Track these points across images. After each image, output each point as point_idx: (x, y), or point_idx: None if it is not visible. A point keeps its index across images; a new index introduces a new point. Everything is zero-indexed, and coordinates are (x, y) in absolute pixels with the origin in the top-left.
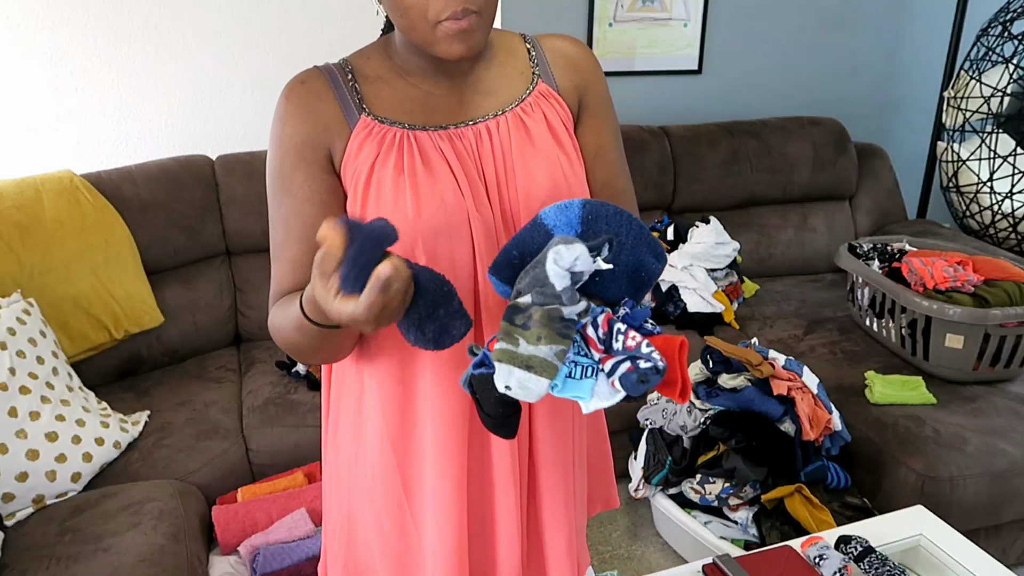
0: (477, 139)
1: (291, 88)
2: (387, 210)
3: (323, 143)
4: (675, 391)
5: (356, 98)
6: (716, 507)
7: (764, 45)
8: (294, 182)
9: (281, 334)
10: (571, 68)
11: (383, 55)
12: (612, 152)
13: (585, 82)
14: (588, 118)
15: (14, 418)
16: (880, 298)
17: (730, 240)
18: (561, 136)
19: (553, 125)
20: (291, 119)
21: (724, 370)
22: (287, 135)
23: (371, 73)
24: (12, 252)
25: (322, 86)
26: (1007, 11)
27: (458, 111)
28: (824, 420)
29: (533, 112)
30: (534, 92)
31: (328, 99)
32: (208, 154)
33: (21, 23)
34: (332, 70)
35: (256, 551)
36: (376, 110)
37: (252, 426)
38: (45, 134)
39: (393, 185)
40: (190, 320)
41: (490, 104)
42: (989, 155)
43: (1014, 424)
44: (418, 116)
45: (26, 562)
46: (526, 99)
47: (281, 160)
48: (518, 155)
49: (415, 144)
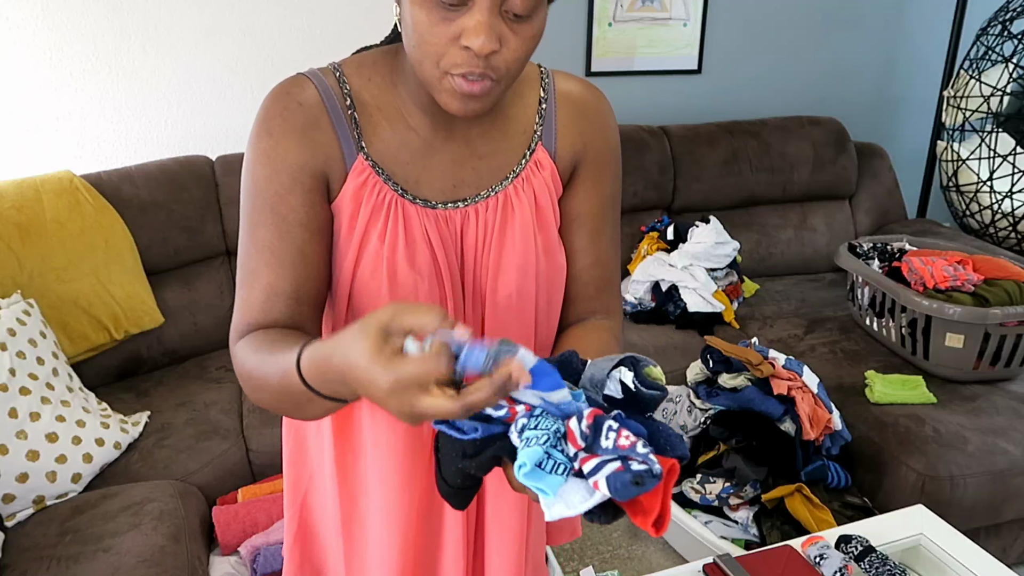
0: (463, 221)
1: (284, 105)
2: (361, 283)
3: (321, 172)
4: (649, 520)
5: (355, 132)
6: (716, 507)
7: (764, 45)
8: (286, 205)
9: (253, 381)
10: (577, 127)
11: (387, 76)
12: (594, 221)
13: (587, 144)
14: (578, 181)
15: (14, 419)
16: (880, 297)
17: (730, 240)
18: (545, 213)
19: (540, 202)
20: (285, 139)
21: (724, 370)
22: (280, 155)
23: (371, 100)
24: (12, 252)
25: (320, 113)
26: (1007, 10)
27: (450, 179)
28: (824, 420)
29: (523, 191)
30: (530, 162)
31: (326, 129)
32: (208, 154)
33: (20, 23)
34: (329, 92)
35: (256, 551)
36: (373, 151)
37: (252, 426)
38: (45, 134)
39: (374, 258)
40: (190, 320)
41: (484, 171)
42: (989, 154)
43: (1014, 423)
44: (411, 174)
45: (26, 563)
46: (520, 173)
47: (268, 180)
48: (496, 244)
49: (402, 216)
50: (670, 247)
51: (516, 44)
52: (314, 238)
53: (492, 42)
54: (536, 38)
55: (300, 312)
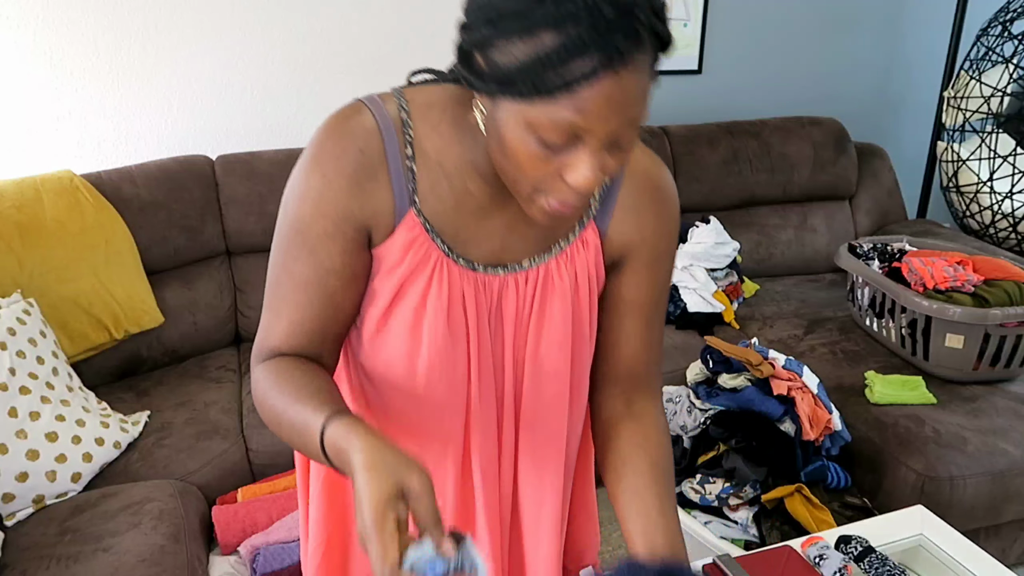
0: (501, 288)
1: (343, 148)
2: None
3: (366, 224)
4: None
5: (410, 186)
6: (716, 507)
7: (764, 45)
8: (323, 249)
9: (271, 415)
10: (638, 218)
11: (453, 129)
12: (646, 308)
13: (644, 238)
14: (632, 269)
15: (14, 418)
16: (880, 298)
17: (730, 240)
18: (583, 292)
19: (579, 281)
20: (335, 183)
21: (724, 370)
22: (328, 200)
23: (433, 152)
24: (12, 252)
25: (378, 163)
26: (1007, 11)
27: (497, 243)
28: (824, 420)
29: (566, 267)
30: (578, 239)
31: (382, 181)
32: (208, 154)
33: (21, 23)
34: (392, 138)
35: (256, 551)
36: (425, 207)
37: (252, 426)
38: (45, 134)
39: (410, 314)
40: (190, 320)
41: (531, 240)
42: (989, 155)
43: (1014, 424)
44: (460, 234)
45: (26, 562)
46: (565, 249)
47: (313, 219)
48: (536, 317)
49: (446, 277)
50: None
51: (614, 166)
52: (346, 286)
53: (597, 179)
54: (629, 154)
55: (322, 347)
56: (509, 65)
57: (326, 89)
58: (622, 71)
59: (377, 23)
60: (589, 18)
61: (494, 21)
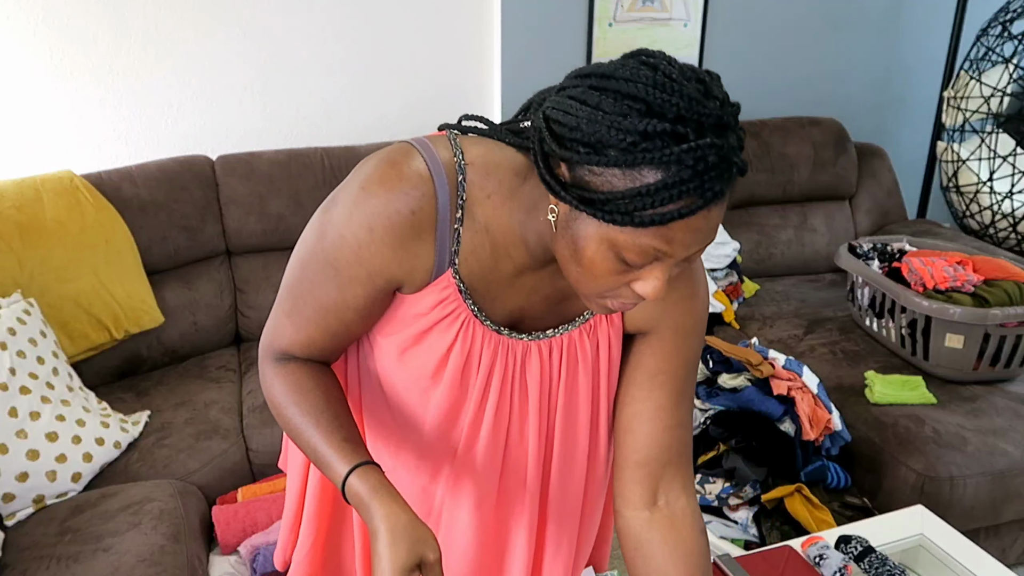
0: (525, 354)
1: (396, 208)
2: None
3: (399, 279)
4: None
5: (453, 247)
6: (716, 507)
7: (764, 45)
8: (351, 290)
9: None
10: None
11: (507, 200)
12: (676, 381)
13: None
14: (658, 343)
15: (14, 418)
16: (880, 298)
17: (730, 240)
18: (604, 364)
19: (600, 352)
20: (381, 243)
21: (724, 370)
22: (369, 255)
23: (482, 218)
24: (12, 252)
25: (427, 226)
26: (1007, 11)
27: (520, 304)
28: (824, 420)
29: (589, 337)
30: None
31: (426, 241)
32: (208, 154)
33: (21, 23)
34: (445, 199)
35: (256, 551)
36: (463, 268)
37: (252, 426)
38: (45, 134)
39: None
40: (190, 320)
41: (556, 308)
42: (989, 155)
43: (1014, 424)
44: (490, 295)
45: (26, 562)
46: (590, 319)
47: (348, 264)
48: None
49: (470, 335)
50: None
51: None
52: (363, 320)
53: (665, 290)
54: None
55: (330, 356)
56: (603, 191)
57: (326, 89)
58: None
59: (377, 23)
60: (694, 163)
61: (596, 148)
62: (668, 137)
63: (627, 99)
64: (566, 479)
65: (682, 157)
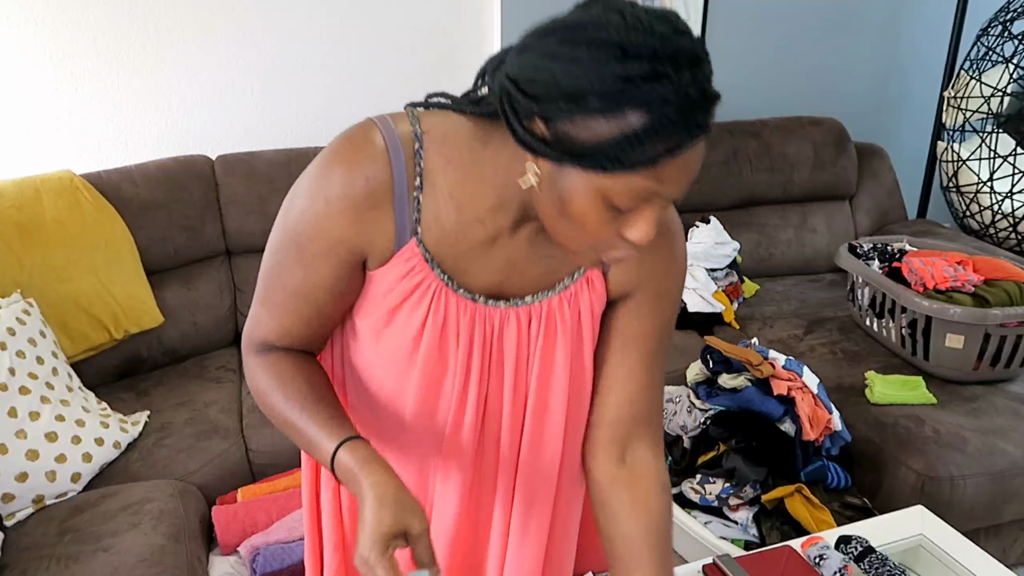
0: (502, 321)
1: (351, 178)
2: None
3: (362, 249)
4: None
5: (414, 216)
6: (716, 507)
7: (764, 45)
8: (314, 266)
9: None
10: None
11: (470, 163)
12: (649, 343)
13: (646, 274)
14: (635, 303)
15: (14, 418)
16: (880, 298)
17: (730, 240)
18: (586, 331)
19: (582, 319)
20: (339, 214)
21: (724, 370)
22: (328, 226)
23: (444, 185)
24: (12, 252)
25: (384, 194)
26: (1007, 11)
27: (498, 275)
28: (824, 420)
29: (569, 305)
30: (583, 277)
31: (385, 211)
32: (208, 154)
33: (21, 23)
34: (402, 169)
35: (256, 551)
36: (427, 238)
37: (252, 426)
38: (45, 134)
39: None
40: (190, 320)
41: (532, 275)
42: (989, 155)
43: (1014, 424)
44: (461, 263)
45: (26, 562)
46: (570, 287)
47: (310, 240)
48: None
49: (442, 306)
50: None
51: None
52: (335, 301)
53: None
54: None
55: (311, 344)
56: (589, 140)
57: (326, 89)
58: (699, 140)
59: (377, 23)
60: (677, 100)
61: (575, 98)
62: (648, 77)
63: (601, 46)
64: (538, 450)
65: (665, 96)
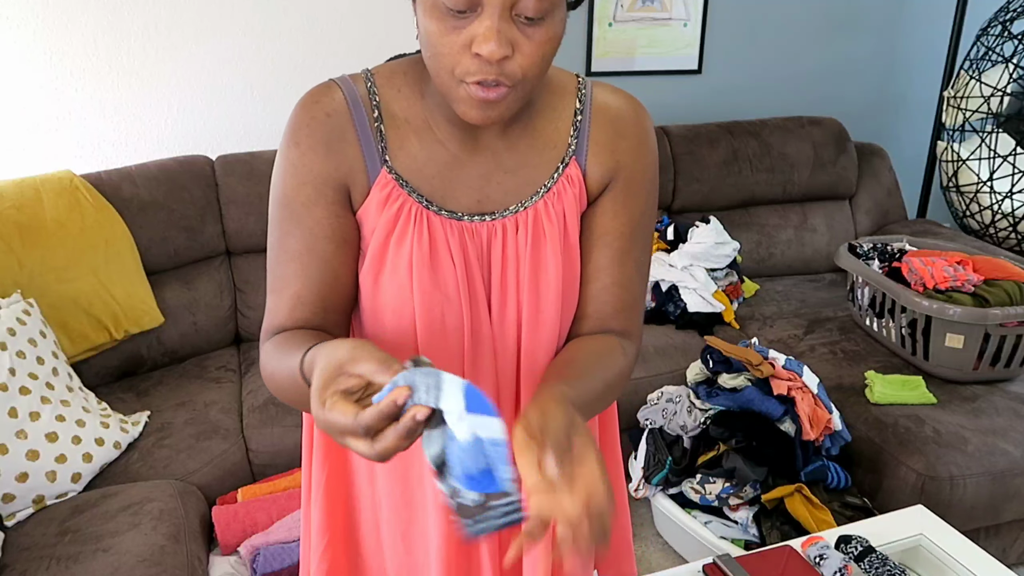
0: (490, 235)
1: (312, 115)
2: (387, 296)
3: (343, 184)
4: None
5: (380, 145)
6: (716, 507)
7: (764, 45)
8: (311, 216)
9: (274, 382)
10: (611, 144)
11: (416, 86)
12: (621, 240)
13: (620, 163)
14: (608, 198)
15: (14, 418)
16: (880, 298)
17: (730, 240)
18: (572, 232)
19: (568, 220)
20: (310, 150)
21: (724, 370)
22: (305, 166)
23: (399, 112)
24: (12, 252)
25: (346, 124)
26: (1007, 11)
27: (475, 193)
28: (824, 420)
29: (554, 207)
30: (562, 176)
31: (351, 141)
32: (208, 154)
33: (21, 23)
34: (358, 100)
35: (256, 551)
36: (397, 164)
37: (252, 426)
38: (45, 134)
39: (400, 272)
40: (190, 320)
41: (511, 186)
42: (989, 155)
43: (1014, 424)
44: (437, 186)
45: (26, 562)
46: (551, 188)
47: (296, 190)
48: (531, 263)
49: (427, 229)
50: (670, 247)
51: (530, 49)
52: (340, 249)
53: (503, 48)
54: (553, 42)
55: (326, 319)
56: None
57: None
58: None
59: (377, 24)
60: None
61: None
62: None
63: None
64: (534, 355)
65: None
